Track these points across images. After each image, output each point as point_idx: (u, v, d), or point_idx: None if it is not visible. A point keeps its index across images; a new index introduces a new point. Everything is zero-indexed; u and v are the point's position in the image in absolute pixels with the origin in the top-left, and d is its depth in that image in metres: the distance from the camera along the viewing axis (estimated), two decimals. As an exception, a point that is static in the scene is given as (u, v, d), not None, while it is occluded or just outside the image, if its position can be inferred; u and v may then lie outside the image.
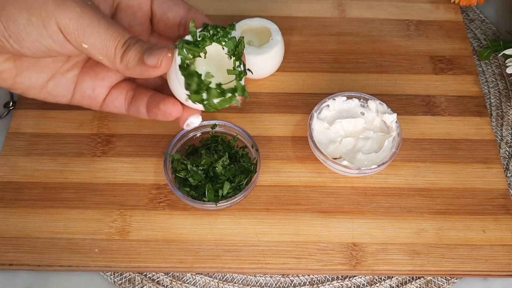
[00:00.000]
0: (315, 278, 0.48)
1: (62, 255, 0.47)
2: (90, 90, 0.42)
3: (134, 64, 0.37)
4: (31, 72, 0.40)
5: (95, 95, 0.43)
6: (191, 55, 0.37)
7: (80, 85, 0.42)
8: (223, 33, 0.38)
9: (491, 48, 0.61)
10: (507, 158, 0.55)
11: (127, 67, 0.37)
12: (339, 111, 0.54)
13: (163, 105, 0.39)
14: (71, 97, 0.43)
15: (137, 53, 0.37)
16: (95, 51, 0.37)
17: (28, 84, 0.41)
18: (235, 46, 0.39)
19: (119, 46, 0.37)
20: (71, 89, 0.42)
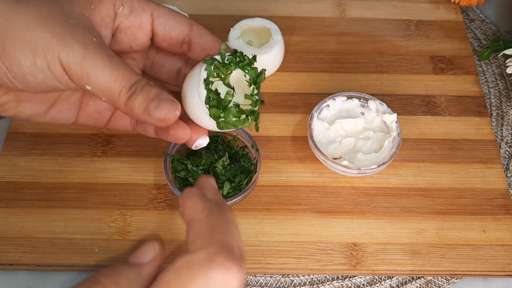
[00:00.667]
0: (315, 278, 0.48)
1: (62, 255, 0.47)
2: (95, 113, 0.42)
3: (140, 113, 0.36)
4: (33, 102, 0.40)
5: (100, 116, 0.42)
6: (216, 74, 0.38)
7: (84, 108, 0.42)
8: (248, 62, 0.40)
9: (491, 48, 0.61)
10: (507, 158, 0.55)
11: (132, 114, 0.36)
12: (339, 111, 0.54)
13: (172, 131, 0.39)
14: (75, 119, 0.42)
15: (143, 101, 0.35)
16: (98, 93, 0.36)
17: (31, 112, 0.40)
18: (256, 76, 0.40)
19: (124, 91, 0.35)
20: (75, 113, 0.42)
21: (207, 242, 0.29)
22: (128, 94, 0.35)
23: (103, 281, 0.34)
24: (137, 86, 0.36)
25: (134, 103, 0.35)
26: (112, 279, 0.34)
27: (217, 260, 0.28)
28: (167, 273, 0.28)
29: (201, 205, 0.33)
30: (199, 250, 0.29)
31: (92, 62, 0.34)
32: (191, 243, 0.30)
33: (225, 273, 0.28)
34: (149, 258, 0.37)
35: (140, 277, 0.35)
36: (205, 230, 0.30)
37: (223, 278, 0.27)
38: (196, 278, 0.27)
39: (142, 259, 0.37)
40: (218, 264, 0.28)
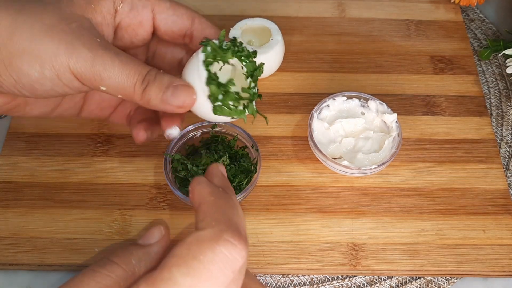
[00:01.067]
0: (315, 278, 0.48)
1: (62, 255, 0.47)
2: (97, 110, 0.44)
3: (158, 103, 0.37)
4: (40, 102, 0.41)
5: (102, 114, 0.44)
6: (213, 56, 0.38)
7: (88, 105, 0.43)
8: (247, 54, 0.39)
9: (491, 48, 0.61)
10: (507, 158, 0.55)
11: (149, 105, 0.37)
12: (339, 111, 0.54)
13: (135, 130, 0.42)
14: (78, 114, 0.44)
15: (158, 91, 0.36)
16: (113, 92, 0.36)
17: (39, 112, 0.41)
18: (254, 69, 0.40)
19: (138, 84, 0.36)
20: (79, 109, 0.43)
21: (215, 220, 0.31)
22: (143, 86, 0.36)
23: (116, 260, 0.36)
24: (149, 77, 0.36)
25: (150, 94, 0.36)
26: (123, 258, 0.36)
27: (225, 236, 0.29)
28: (178, 248, 0.30)
29: (209, 189, 0.34)
30: (207, 228, 0.30)
31: (102, 63, 0.35)
32: (200, 222, 0.31)
33: (231, 249, 0.29)
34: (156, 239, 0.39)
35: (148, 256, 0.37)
36: (213, 210, 0.32)
37: (229, 253, 0.29)
38: (205, 252, 0.29)
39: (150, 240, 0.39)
40: (225, 241, 0.29)
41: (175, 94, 0.36)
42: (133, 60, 0.36)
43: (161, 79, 0.37)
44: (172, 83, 0.37)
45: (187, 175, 0.49)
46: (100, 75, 0.35)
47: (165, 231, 0.41)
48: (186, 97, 0.37)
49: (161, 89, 0.36)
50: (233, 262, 0.29)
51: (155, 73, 0.37)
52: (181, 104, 0.37)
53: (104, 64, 0.35)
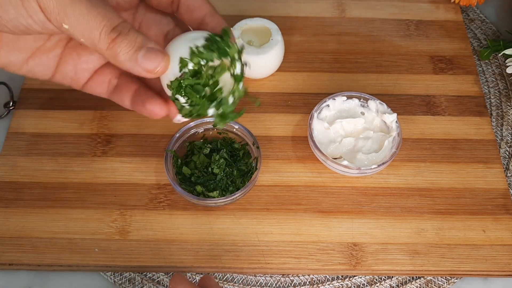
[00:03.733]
0: (315, 278, 0.48)
1: (62, 255, 0.47)
2: (72, 73, 0.40)
3: (125, 60, 0.34)
4: (10, 48, 0.38)
5: (77, 77, 0.40)
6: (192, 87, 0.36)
7: (62, 66, 0.40)
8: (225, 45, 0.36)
9: (491, 48, 0.61)
10: (507, 158, 0.55)
11: (116, 59, 0.34)
12: (339, 111, 0.54)
13: (149, 105, 0.38)
14: (52, 76, 0.40)
15: (130, 48, 0.34)
16: (77, 33, 0.33)
17: (8, 61, 0.38)
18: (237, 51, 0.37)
19: (106, 30, 0.33)
20: (52, 69, 0.40)
21: None
22: (111, 36, 0.33)
23: None
24: (121, 29, 0.33)
25: (120, 48, 0.33)
26: None
27: None
28: None
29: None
30: None
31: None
32: None
33: None
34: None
35: None
36: None
37: None
38: None
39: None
40: None
41: (148, 56, 0.34)
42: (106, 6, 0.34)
43: (134, 36, 0.34)
44: (146, 44, 0.34)
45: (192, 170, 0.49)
46: (65, 9, 0.32)
47: None
48: (160, 62, 0.34)
49: (132, 46, 0.33)
50: None
51: (129, 28, 0.34)
52: (152, 68, 0.34)
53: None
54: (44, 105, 0.56)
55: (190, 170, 0.50)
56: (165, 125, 0.54)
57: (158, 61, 0.34)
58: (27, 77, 0.40)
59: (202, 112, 0.37)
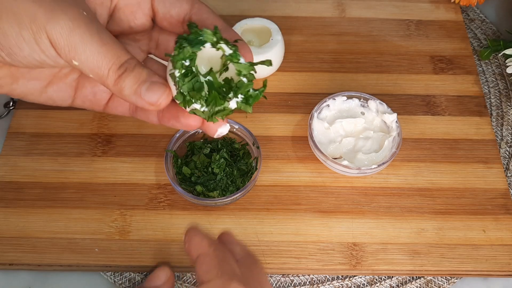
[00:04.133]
0: (315, 278, 0.48)
1: (62, 255, 0.47)
2: (91, 95, 0.41)
3: (129, 94, 0.35)
4: (27, 79, 0.39)
5: (97, 99, 0.41)
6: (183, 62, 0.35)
7: (80, 90, 0.41)
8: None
9: (491, 48, 0.61)
10: (507, 158, 0.55)
11: (121, 94, 0.35)
12: (339, 111, 0.54)
13: (184, 119, 0.38)
14: (72, 101, 0.41)
15: (134, 82, 0.35)
16: (86, 69, 0.35)
17: (26, 90, 0.39)
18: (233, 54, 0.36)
19: (113, 68, 0.34)
20: (71, 94, 0.41)
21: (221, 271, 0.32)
22: (118, 72, 0.34)
23: None
24: (127, 65, 0.35)
25: (124, 83, 0.35)
26: None
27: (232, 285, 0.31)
28: None
29: (207, 242, 0.35)
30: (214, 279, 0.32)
31: (80, 35, 0.33)
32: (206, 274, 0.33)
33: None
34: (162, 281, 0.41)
35: None
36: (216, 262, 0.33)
37: None
38: None
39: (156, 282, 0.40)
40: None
41: (151, 89, 0.35)
42: (115, 43, 0.35)
43: (139, 71, 0.35)
44: (150, 78, 0.35)
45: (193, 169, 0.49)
46: (75, 46, 0.33)
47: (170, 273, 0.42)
48: (161, 95, 0.35)
49: (137, 81, 0.35)
50: None
51: (135, 63, 0.35)
52: (154, 101, 0.35)
53: (82, 36, 0.33)
54: (44, 105, 0.56)
55: (190, 170, 0.50)
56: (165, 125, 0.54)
57: (160, 93, 0.35)
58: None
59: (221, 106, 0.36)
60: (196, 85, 0.36)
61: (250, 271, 0.35)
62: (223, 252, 0.35)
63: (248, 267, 0.36)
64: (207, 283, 0.32)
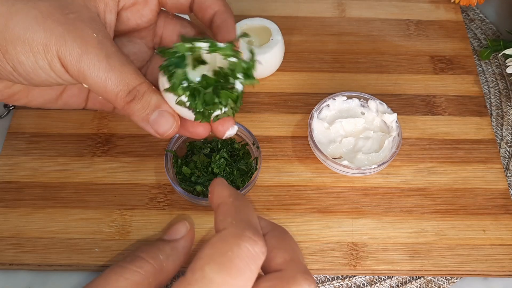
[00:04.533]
0: (315, 278, 0.48)
1: (62, 255, 0.47)
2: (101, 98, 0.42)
3: (138, 120, 0.36)
4: (42, 90, 0.40)
5: (105, 102, 0.43)
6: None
7: (92, 93, 0.43)
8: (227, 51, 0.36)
9: (491, 48, 0.61)
10: (507, 158, 0.55)
11: (131, 117, 0.36)
12: (339, 111, 0.54)
13: (192, 128, 0.39)
14: (85, 104, 0.43)
15: (143, 110, 0.36)
16: (96, 93, 0.36)
17: (42, 100, 0.41)
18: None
19: (122, 95, 0.35)
20: (84, 98, 0.43)
21: (236, 220, 0.32)
22: (126, 99, 0.35)
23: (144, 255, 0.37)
24: (136, 92, 0.35)
25: (134, 109, 0.36)
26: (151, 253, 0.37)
27: (247, 234, 0.31)
28: (205, 249, 0.31)
29: (228, 191, 0.35)
30: (230, 227, 0.32)
31: (88, 62, 0.34)
32: (221, 222, 0.32)
33: (254, 245, 0.30)
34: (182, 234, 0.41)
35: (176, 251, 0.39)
36: (233, 211, 0.33)
37: (252, 249, 0.30)
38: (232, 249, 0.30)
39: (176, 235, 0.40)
40: (247, 238, 0.31)
41: (159, 121, 0.36)
42: (125, 67, 0.35)
43: (149, 98, 0.36)
44: (159, 107, 0.36)
45: (192, 171, 0.49)
46: (83, 73, 0.34)
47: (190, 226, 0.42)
48: (170, 128, 0.36)
49: (146, 109, 0.36)
50: (256, 257, 0.30)
51: (145, 90, 0.36)
52: (162, 133, 0.36)
53: (90, 62, 0.34)
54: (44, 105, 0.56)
55: (190, 170, 0.50)
56: (165, 125, 0.54)
57: (169, 126, 0.36)
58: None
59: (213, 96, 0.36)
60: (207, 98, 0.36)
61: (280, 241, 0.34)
62: (242, 203, 0.34)
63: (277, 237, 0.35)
64: (220, 231, 0.31)
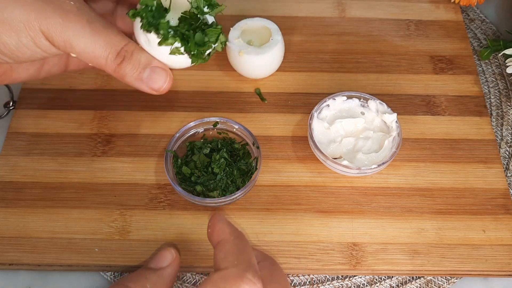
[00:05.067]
0: (315, 278, 0.48)
1: (62, 255, 0.47)
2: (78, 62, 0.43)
3: (132, 81, 0.37)
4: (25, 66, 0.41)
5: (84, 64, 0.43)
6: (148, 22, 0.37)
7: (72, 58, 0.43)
8: None
9: (491, 48, 0.61)
10: (507, 158, 0.55)
11: (123, 80, 0.37)
12: (339, 111, 0.54)
13: None
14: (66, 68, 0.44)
15: (134, 70, 0.36)
16: (85, 60, 0.36)
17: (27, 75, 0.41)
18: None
19: (111, 57, 0.35)
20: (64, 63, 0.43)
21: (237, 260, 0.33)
22: (116, 61, 0.36)
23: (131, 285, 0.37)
24: (125, 53, 0.36)
25: (125, 71, 0.36)
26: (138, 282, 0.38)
27: (248, 276, 0.32)
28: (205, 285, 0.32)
29: (229, 229, 0.36)
30: (231, 267, 0.32)
31: (72, 30, 0.34)
32: (222, 261, 0.33)
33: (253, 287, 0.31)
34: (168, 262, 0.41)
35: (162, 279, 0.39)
36: (234, 250, 0.34)
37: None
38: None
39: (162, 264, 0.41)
40: (248, 280, 0.31)
41: (152, 78, 0.36)
42: (108, 29, 0.35)
43: (138, 57, 0.36)
44: (150, 64, 0.36)
45: (192, 171, 0.49)
46: (70, 42, 0.34)
47: (175, 253, 0.43)
48: (163, 83, 0.37)
49: (137, 68, 0.36)
50: None
51: (132, 49, 0.36)
52: (157, 88, 0.37)
53: (74, 30, 0.34)
54: (44, 105, 0.56)
55: (190, 170, 0.50)
56: (165, 125, 0.54)
57: (163, 81, 0.37)
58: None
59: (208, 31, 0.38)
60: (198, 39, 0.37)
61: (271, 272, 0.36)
62: (243, 242, 0.35)
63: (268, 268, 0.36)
64: (222, 270, 0.32)
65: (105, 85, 0.57)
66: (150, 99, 0.56)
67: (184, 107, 0.56)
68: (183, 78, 0.58)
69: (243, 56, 0.54)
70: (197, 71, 0.59)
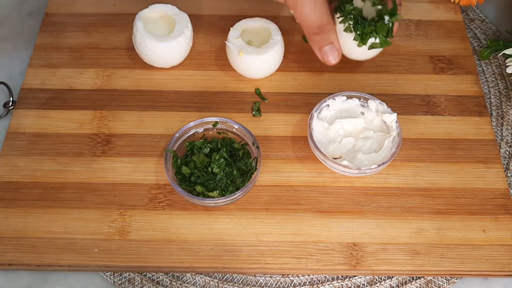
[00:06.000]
0: (315, 278, 0.48)
1: (62, 255, 0.47)
2: None
3: (315, 48, 0.51)
4: None
5: None
6: None
7: None
8: None
9: (491, 48, 0.61)
10: (507, 158, 0.55)
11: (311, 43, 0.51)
12: (339, 111, 0.54)
13: None
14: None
15: (322, 42, 0.51)
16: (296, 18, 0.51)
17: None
18: None
19: (313, 28, 0.50)
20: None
21: None
22: (316, 31, 0.50)
23: None
24: (323, 29, 0.50)
25: (316, 39, 0.51)
26: None
27: None
28: None
29: None
30: None
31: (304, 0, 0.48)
32: None
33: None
34: None
35: None
36: None
37: None
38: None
39: None
40: None
41: (328, 52, 0.51)
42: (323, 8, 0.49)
43: (329, 34, 0.50)
44: (332, 43, 0.51)
45: (191, 171, 0.49)
46: (296, 5, 0.49)
47: None
48: (333, 59, 0.52)
49: (324, 42, 0.50)
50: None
51: (329, 29, 0.50)
52: (327, 61, 0.52)
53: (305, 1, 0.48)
54: (43, 105, 0.56)
55: (189, 170, 0.50)
56: (165, 125, 0.54)
57: (334, 58, 0.52)
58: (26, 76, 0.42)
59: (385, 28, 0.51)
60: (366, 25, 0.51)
61: None
62: None
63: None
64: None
65: (105, 85, 0.57)
66: (150, 99, 0.56)
67: (184, 107, 0.56)
68: (183, 78, 0.58)
69: (243, 56, 0.54)
70: (197, 71, 0.59)
